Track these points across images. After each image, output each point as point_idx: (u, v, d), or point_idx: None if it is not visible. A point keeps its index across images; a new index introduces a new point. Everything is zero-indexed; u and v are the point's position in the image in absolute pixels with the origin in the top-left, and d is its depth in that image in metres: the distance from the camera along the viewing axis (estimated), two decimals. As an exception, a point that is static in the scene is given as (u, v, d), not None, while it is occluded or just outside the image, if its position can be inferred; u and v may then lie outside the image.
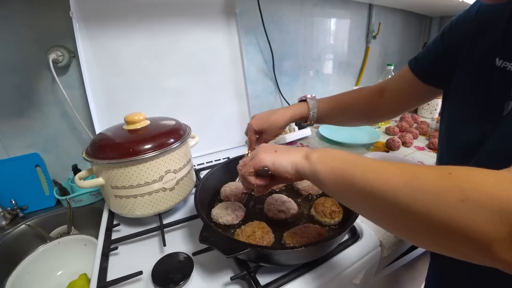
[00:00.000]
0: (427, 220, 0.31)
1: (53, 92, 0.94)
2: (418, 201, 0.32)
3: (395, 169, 0.36)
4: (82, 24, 0.87)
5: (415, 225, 0.33)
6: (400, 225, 0.36)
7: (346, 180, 0.40)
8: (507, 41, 0.49)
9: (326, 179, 0.43)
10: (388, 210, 0.35)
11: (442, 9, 1.75)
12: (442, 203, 0.30)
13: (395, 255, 0.91)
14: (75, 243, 0.87)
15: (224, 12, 1.07)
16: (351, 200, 0.42)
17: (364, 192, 0.37)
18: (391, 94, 0.80)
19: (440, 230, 0.30)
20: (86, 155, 0.68)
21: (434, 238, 0.32)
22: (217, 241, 0.52)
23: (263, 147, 0.54)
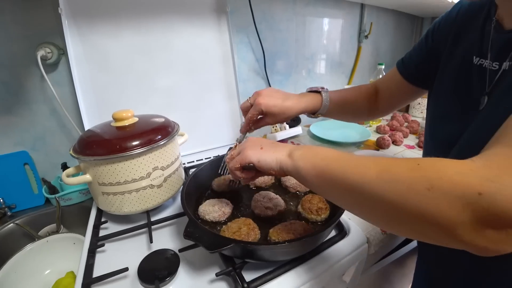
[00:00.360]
0: (400, 209, 0.33)
1: (42, 89, 0.93)
2: (391, 192, 0.34)
3: (369, 163, 0.38)
4: (72, 20, 0.86)
5: (390, 215, 0.35)
6: (378, 215, 0.38)
7: (326, 176, 0.42)
8: (483, 40, 0.53)
9: (308, 175, 0.45)
10: (366, 202, 0.38)
11: (433, 9, 1.76)
12: (412, 192, 0.32)
13: (384, 252, 0.92)
14: (63, 241, 0.86)
15: (215, 11, 1.07)
16: (333, 194, 0.44)
17: (344, 186, 0.40)
18: (382, 94, 0.84)
19: (413, 217, 0.33)
20: (73, 152, 0.67)
21: (408, 225, 0.35)
22: (201, 237, 0.52)
23: (250, 142, 0.56)
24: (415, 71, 0.73)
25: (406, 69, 0.75)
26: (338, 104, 0.81)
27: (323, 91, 0.80)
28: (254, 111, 0.73)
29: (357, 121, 0.92)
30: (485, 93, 0.52)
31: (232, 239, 0.51)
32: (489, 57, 0.52)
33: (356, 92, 0.86)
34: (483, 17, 0.55)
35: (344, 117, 0.92)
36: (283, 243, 0.49)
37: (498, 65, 0.50)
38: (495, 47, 0.51)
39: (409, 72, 0.74)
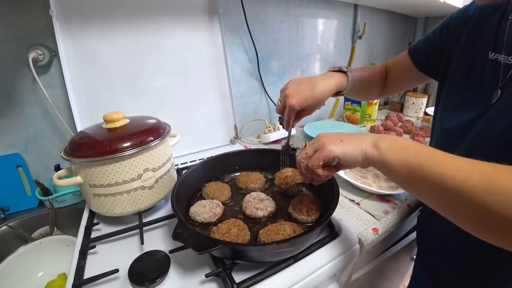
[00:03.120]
0: (505, 221, 0.33)
1: (33, 91, 0.93)
2: (499, 204, 0.33)
3: (471, 168, 0.37)
4: (63, 22, 0.86)
5: (489, 223, 0.35)
6: (475, 221, 0.37)
7: (420, 175, 0.41)
8: (499, 36, 0.55)
9: (398, 170, 0.44)
10: (465, 208, 0.37)
11: (426, 10, 1.77)
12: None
13: (378, 252, 0.93)
14: (56, 243, 0.86)
15: (207, 12, 1.07)
16: (423, 193, 0.43)
17: (440, 188, 0.39)
18: (391, 75, 0.87)
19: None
20: (64, 154, 0.67)
21: (506, 235, 0.35)
22: (189, 238, 0.52)
23: (326, 137, 0.54)
24: (426, 59, 0.75)
25: (417, 56, 0.77)
26: (358, 83, 0.81)
27: (348, 70, 0.79)
28: (290, 113, 0.72)
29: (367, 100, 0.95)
30: (498, 87, 0.53)
31: (220, 240, 0.51)
32: (504, 52, 0.53)
33: (372, 71, 0.87)
34: (500, 14, 0.57)
35: (359, 96, 0.92)
36: (270, 244, 0.49)
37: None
38: (510, 41, 0.52)
39: (419, 59, 0.77)
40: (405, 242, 1.04)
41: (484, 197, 0.34)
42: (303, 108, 0.72)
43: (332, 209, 0.58)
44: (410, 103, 1.74)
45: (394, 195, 0.87)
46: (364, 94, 0.91)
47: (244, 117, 1.40)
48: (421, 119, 1.63)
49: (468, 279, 0.63)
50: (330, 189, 0.67)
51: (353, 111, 1.54)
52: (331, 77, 0.76)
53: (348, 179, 0.89)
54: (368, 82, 0.84)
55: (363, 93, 0.90)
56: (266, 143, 1.26)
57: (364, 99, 0.98)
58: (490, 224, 0.35)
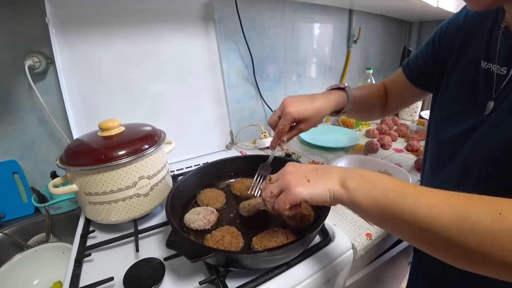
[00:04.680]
0: (479, 256, 0.34)
1: (30, 98, 0.94)
2: (472, 241, 0.34)
3: (443, 205, 0.37)
4: (59, 30, 0.87)
5: (467, 258, 0.36)
6: (452, 256, 0.37)
7: (392, 213, 0.40)
8: (491, 44, 0.54)
9: (369, 210, 0.43)
10: (441, 244, 0.37)
11: (421, 14, 1.79)
12: (497, 245, 0.32)
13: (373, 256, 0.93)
14: (52, 251, 0.86)
15: (202, 19, 1.08)
16: (398, 231, 0.42)
17: (415, 227, 0.38)
18: (390, 94, 0.87)
19: (492, 263, 0.33)
20: (59, 162, 0.68)
21: (481, 266, 0.35)
22: (183, 246, 0.52)
23: (292, 174, 0.51)
24: (420, 74, 0.74)
25: (411, 72, 0.77)
26: (358, 101, 0.80)
27: (347, 87, 0.78)
28: (285, 122, 0.69)
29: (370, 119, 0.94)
30: (492, 98, 0.52)
31: (212, 248, 0.52)
32: (496, 62, 0.52)
33: (371, 89, 0.87)
34: (491, 22, 0.56)
35: (361, 115, 0.93)
36: (262, 251, 0.50)
37: (506, 70, 0.50)
38: (503, 52, 0.52)
39: (414, 75, 0.76)
40: (402, 246, 1.04)
41: (459, 234, 0.34)
42: (301, 118, 0.70)
43: (324, 215, 0.59)
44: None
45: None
46: (366, 113, 0.90)
47: (240, 122, 1.41)
48: (416, 122, 1.64)
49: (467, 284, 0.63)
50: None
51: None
52: (331, 94, 0.76)
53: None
54: (368, 100, 0.85)
55: (365, 112, 0.89)
56: (261, 148, 1.27)
57: (367, 119, 0.98)
58: (466, 259, 0.36)
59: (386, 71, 2.11)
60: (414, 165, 1.11)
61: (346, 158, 1.05)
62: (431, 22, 1.98)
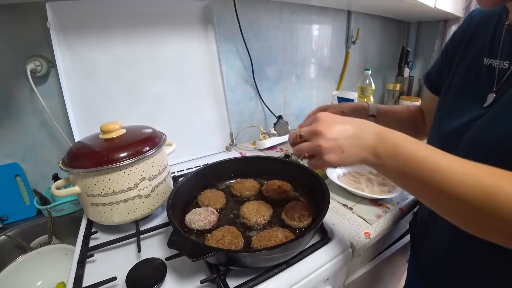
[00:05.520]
0: (498, 227, 0.38)
1: (31, 101, 0.95)
2: (495, 215, 0.37)
3: (474, 183, 0.39)
4: (60, 34, 0.88)
5: (483, 225, 0.39)
6: (468, 221, 0.41)
7: (418, 183, 0.43)
8: (494, 41, 0.56)
9: (396, 179, 0.47)
10: (462, 213, 0.41)
11: (419, 15, 1.80)
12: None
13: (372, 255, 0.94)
14: (55, 252, 0.87)
15: (202, 21, 1.09)
16: (422, 199, 0.46)
17: (441, 196, 0.41)
18: (426, 114, 0.87)
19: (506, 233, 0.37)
20: (62, 164, 0.69)
21: (495, 234, 0.39)
22: (184, 246, 0.53)
23: (326, 142, 0.49)
24: (437, 81, 0.76)
25: (430, 82, 0.79)
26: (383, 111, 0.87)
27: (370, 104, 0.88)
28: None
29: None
30: (493, 90, 0.54)
31: (213, 247, 0.53)
32: (499, 57, 0.55)
33: (405, 107, 0.92)
34: (495, 22, 0.59)
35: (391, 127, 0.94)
36: (261, 250, 0.51)
37: (508, 63, 0.52)
38: (506, 46, 0.54)
39: (434, 85, 0.78)
40: (400, 244, 1.05)
41: (482, 209, 0.37)
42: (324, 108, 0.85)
43: (322, 215, 0.60)
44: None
45: (386, 199, 0.89)
46: (396, 126, 0.93)
47: (240, 123, 1.42)
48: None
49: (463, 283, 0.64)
50: (322, 195, 0.68)
51: (347, 115, 1.56)
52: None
53: (341, 184, 0.91)
54: (397, 113, 0.90)
55: (394, 125, 0.91)
56: (261, 150, 1.28)
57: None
58: (484, 226, 0.39)
59: (384, 72, 2.12)
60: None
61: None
62: (429, 23, 1.99)
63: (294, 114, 1.66)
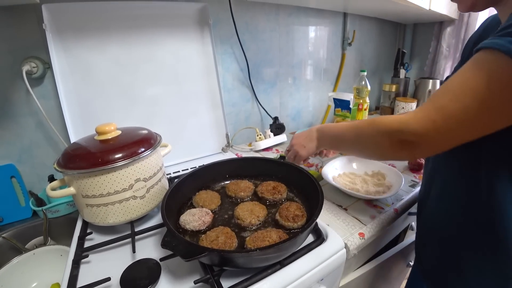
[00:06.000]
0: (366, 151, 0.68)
1: (27, 103, 0.95)
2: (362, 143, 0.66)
3: (349, 130, 0.71)
4: (56, 36, 0.88)
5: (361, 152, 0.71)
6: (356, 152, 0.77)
7: (339, 143, 0.77)
8: None
9: (331, 146, 0.83)
10: (352, 148, 0.74)
11: (414, 17, 1.82)
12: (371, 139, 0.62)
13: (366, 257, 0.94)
14: (50, 254, 0.87)
15: (198, 23, 1.09)
16: (344, 151, 0.90)
17: (346, 145, 0.75)
18: None
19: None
20: (57, 166, 0.69)
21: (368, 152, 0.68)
22: (177, 246, 0.54)
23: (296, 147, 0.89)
24: None
25: None
26: None
27: None
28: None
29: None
30: None
31: (206, 248, 0.53)
32: None
33: None
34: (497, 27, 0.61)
35: None
36: (254, 250, 0.51)
37: None
38: None
39: None
40: (399, 248, 1.05)
41: (357, 142, 0.68)
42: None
43: (316, 215, 0.60)
44: (400, 108, 1.77)
45: (381, 200, 0.89)
46: None
47: (236, 125, 1.42)
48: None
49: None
50: (316, 196, 0.69)
51: (343, 117, 1.56)
52: None
53: (336, 185, 0.91)
54: None
55: None
56: (257, 151, 1.28)
57: None
58: (369, 151, 0.65)
59: (381, 73, 2.14)
60: (408, 166, 1.13)
61: (340, 159, 1.07)
62: (425, 24, 2.00)
63: (290, 115, 1.66)
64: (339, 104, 1.54)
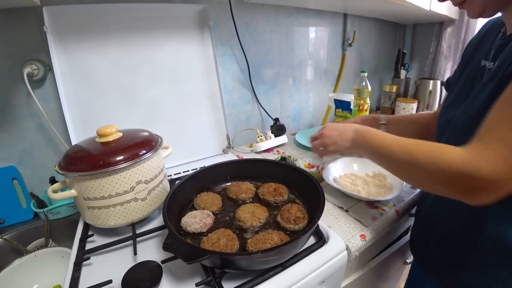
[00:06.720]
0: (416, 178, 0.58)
1: (28, 105, 0.95)
2: (416, 166, 0.55)
3: (399, 147, 0.59)
4: (57, 38, 0.88)
5: (416, 175, 0.58)
6: (407, 175, 0.62)
7: (379, 155, 0.66)
8: (491, 47, 0.64)
9: (367, 155, 0.71)
10: (400, 169, 0.62)
11: (414, 17, 1.82)
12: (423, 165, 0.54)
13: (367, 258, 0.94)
14: (51, 255, 0.87)
15: (198, 25, 1.10)
16: (382, 164, 0.67)
17: (389, 161, 0.64)
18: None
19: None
20: (58, 168, 0.69)
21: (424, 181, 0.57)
22: (179, 249, 0.54)
23: (327, 139, 0.80)
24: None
25: (448, 85, 0.83)
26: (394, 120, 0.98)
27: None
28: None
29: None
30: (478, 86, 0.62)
31: (207, 250, 0.54)
32: (490, 59, 0.62)
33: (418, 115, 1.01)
34: (499, 30, 0.64)
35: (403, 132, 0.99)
36: (255, 253, 0.51)
37: (493, 64, 0.60)
38: (494, 50, 0.61)
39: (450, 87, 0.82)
40: (397, 246, 1.06)
41: (407, 167, 0.58)
42: None
43: (317, 217, 0.60)
44: (400, 108, 1.77)
45: (382, 201, 0.89)
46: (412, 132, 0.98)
47: (237, 126, 1.42)
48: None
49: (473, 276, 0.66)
50: (317, 198, 0.69)
51: (344, 117, 1.56)
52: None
53: (337, 186, 0.91)
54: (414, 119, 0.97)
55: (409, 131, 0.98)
56: (258, 152, 1.28)
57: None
58: (418, 177, 0.57)
59: (381, 74, 2.14)
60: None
61: (342, 160, 1.07)
62: (425, 25, 2.00)
63: (291, 116, 1.66)
64: (339, 105, 1.54)
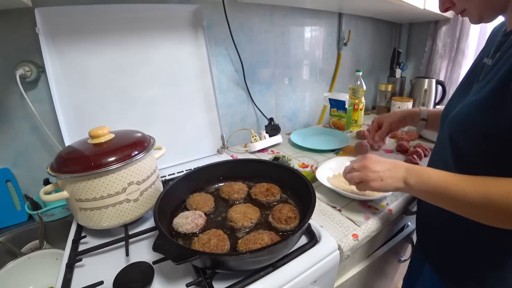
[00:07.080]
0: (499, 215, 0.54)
1: (21, 106, 0.95)
2: (490, 210, 0.54)
3: (473, 190, 0.55)
4: (50, 39, 0.88)
5: (487, 216, 0.56)
6: (476, 216, 0.57)
7: (437, 198, 0.62)
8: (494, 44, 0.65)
9: (423, 197, 0.65)
10: (470, 211, 0.57)
11: (409, 16, 1.82)
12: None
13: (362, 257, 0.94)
14: (46, 257, 0.87)
15: (192, 25, 1.10)
16: (440, 204, 0.62)
17: (453, 203, 0.59)
18: None
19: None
20: (50, 170, 0.69)
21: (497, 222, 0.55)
22: (169, 249, 0.54)
23: (371, 174, 0.70)
24: None
25: None
26: (433, 114, 0.99)
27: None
28: (373, 125, 1.16)
29: None
30: (476, 82, 0.65)
31: (197, 251, 0.54)
32: (490, 56, 0.64)
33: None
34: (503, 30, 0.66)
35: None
36: (244, 253, 0.51)
37: (492, 61, 0.62)
38: (494, 47, 0.64)
39: None
40: (391, 244, 1.06)
41: (480, 208, 0.54)
42: (380, 122, 1.13)
43: (308, 217, 0.61)
44: (396, 107, 1.77)
45: (375, 200, 0.89)
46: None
47: (232, 126, 1.42)
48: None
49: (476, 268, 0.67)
50: (309, 198, 0.69)
51: (339, 117, 1.57)
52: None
53: (330, 186, 0.91)
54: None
55: None
56: (252, 152, 1.28)
57: None
58: (489, 218, 0.55)
59: (377, 73, 2.14)
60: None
61: (335, 160, 1.07)
62: (420, 24, 2.00)
63: (286, 116, 1.66)
64: (334, 104, 1.55)
